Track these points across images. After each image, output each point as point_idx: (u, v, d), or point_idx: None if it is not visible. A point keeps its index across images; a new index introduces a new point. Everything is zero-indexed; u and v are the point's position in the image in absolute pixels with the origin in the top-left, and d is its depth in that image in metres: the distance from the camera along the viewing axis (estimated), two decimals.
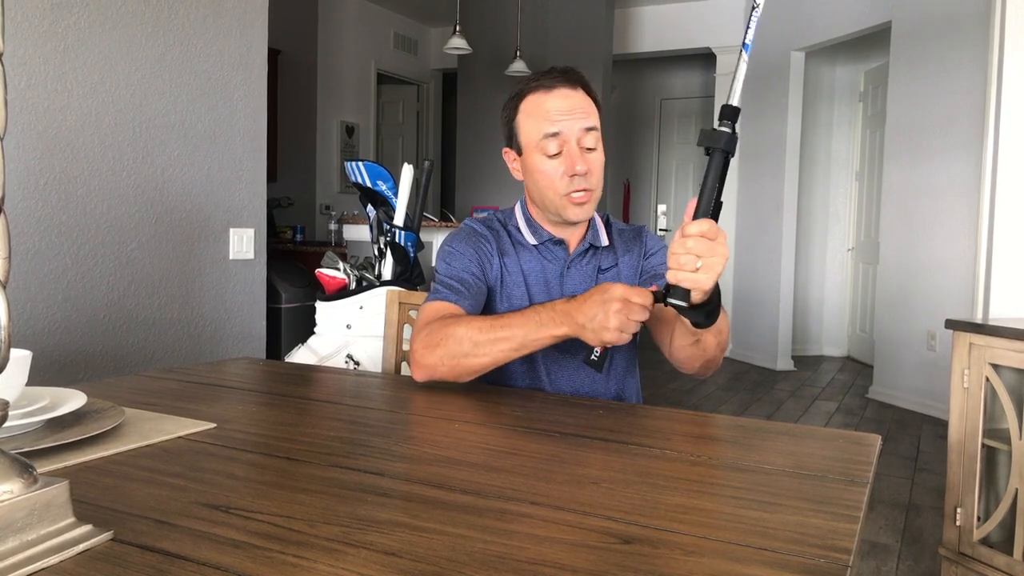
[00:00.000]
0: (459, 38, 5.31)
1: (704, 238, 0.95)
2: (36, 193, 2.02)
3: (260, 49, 2.62)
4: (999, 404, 2.06)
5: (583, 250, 1.38)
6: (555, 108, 1.28)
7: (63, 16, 2.05)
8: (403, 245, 2.77)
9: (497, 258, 1.37)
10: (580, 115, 1.29)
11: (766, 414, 4.35)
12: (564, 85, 1.30)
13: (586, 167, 1.28)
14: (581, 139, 1.29)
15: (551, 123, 1.28)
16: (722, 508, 0.73)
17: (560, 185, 1.29)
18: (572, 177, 1.28)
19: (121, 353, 2.24)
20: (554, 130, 1.28)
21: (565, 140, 1.28)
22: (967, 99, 4.09)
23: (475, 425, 1.06)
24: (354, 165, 2.81)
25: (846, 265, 6.31)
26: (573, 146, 1.28)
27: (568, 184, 1.29)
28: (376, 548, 0.62)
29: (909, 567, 2.41)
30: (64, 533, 0.61)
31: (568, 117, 1.28)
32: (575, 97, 1.30)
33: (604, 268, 1.39)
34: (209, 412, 1.04)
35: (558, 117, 1.28)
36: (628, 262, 1.40)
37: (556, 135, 1.28)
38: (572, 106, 1.29)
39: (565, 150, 1.28)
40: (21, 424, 0.86)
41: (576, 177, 1.28)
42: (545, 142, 1.29)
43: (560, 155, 1.29)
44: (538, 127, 1.29)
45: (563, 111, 1.28)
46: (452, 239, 1.40)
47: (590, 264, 1.39)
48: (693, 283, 0.96)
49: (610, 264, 1.40)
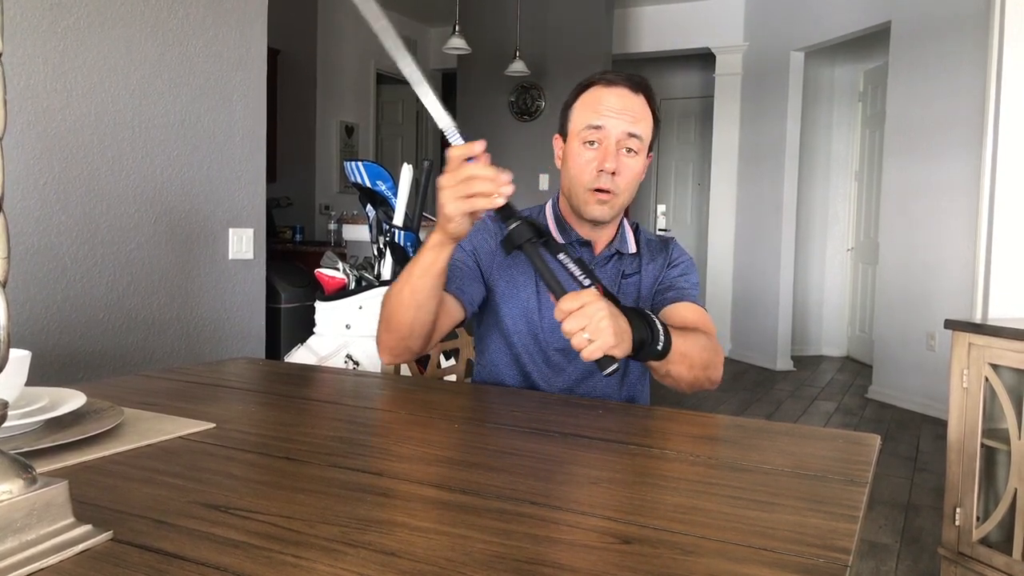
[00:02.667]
0: (458, 38, 5.31)
1: (572, 314, 0.98)
2: (35, 193, 2.02)
3: (259, 49, 2.61)
4: (998, 404, 2.06)
5: (609, 254, 1.38)
6: (607, 104, 1.29)
7: (62, 16, 2.05)
8: (402, 245, 2.77)
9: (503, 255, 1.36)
10: (628, 118, 1.28)
11: (766, 414, 4.35)
12: (625, 86, 1.30)
13: (615, 167, 1.27)
14: (622, 140, 1.28)
15: (598, 115, 1.28)
16: (722, 508, 0.73)
17: (587, 177, 1.29)
18: (600, 173, 1.28)
19: (120, 353, 2.24)
20: (599, 123, 1.28)
21: (606, 135, 1.28)
22: (966, 99, 4.10)
23: (475, 425, 1.06)
24: (353, 165, 2.81)
25: (846, 265, 6.31)
26: (611, 143, 1.28)
27: (595, 179, 1.28)
28: (375, 548, 0.62)
29: (908, 567, 2.41)
30: (63, 533, 0.61)
31: (616, 116, 1.28)
32: (631, 100, 1.29)
33: (627, 274, 1.39)
34: (208, 412, 1.04)
35: (607, 112, 1.28)
36: (651, 271, 1.40)
37: (599, 128, 1.28)
38: (624, 106, 1.28)
39: (603, 145, 1.28)
40: (20, 424, 0.86)
41: (603, 174, 1.28)
42: (587, 132, 1.29)
43: (597, 148, 1.29)
44: (586, 116, 1.30)
45: (614, 108, 1.28)
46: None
47: (614, 268, 1.38)
48: (600, 350, 0.99)
49: (633, 271, 1.39)
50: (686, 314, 1.31)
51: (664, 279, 1.39)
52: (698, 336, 1.21)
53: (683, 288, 1.36)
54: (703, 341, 1.21)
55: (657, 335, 1.09)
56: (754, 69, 6.01)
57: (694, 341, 1.18)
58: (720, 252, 6.26)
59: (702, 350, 1.19)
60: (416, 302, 1.17)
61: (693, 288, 1.37)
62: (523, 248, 1.03)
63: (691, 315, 1.31)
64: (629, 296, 1.38)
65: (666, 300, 1.35)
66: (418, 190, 2.91)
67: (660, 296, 1.37)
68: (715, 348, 1.23)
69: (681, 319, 1.30)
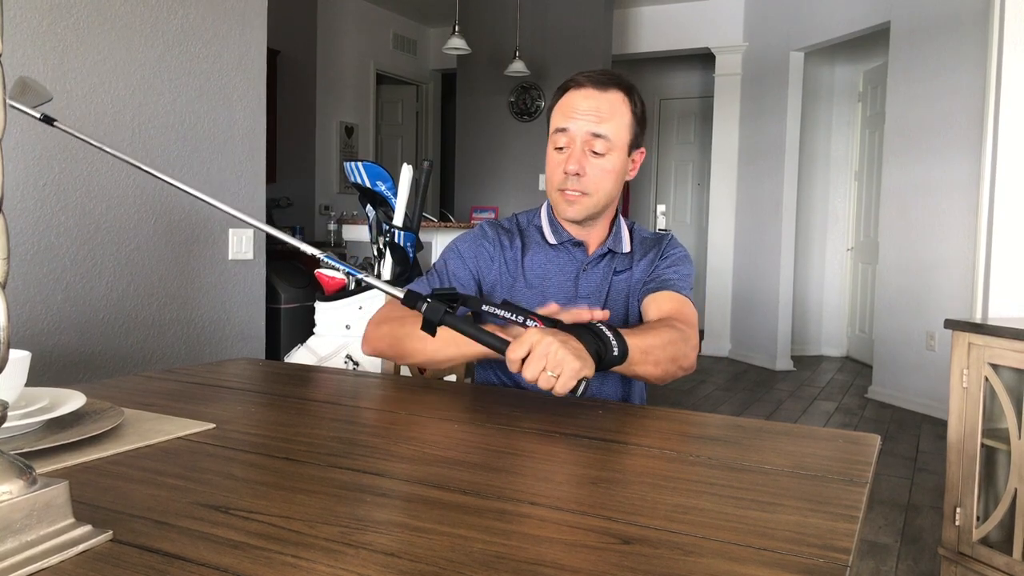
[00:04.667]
0: (458, 38, 5.31)
1: (525, 361, 0.97)
2: (35, 194, 2.02)
3: (259, 49, 2.62)
4: (998, 404, 2.06)
5: (601, 253, 1.39)
6: (573, 106, 1.31)
7: (62, 17, 2.05)
8: (402, 245, 2.77)
9: (500, 260, 1.39)
10: (593, 118, 1.30)
11: (765, 414, 4.35)
12: (592, 86, 1.31)
13: (577, 168, 1.30)
14: (588, 142, 1.30)
15: (565, 119, 1.32)
16: (721, 508, 0.73)
17: (556, 179, 1.34)
18: (566, 175, 1.31)
19: (120, 354, 2.24)
20: (564, 125, 1.32)
21: (572, 138, 1.31)
22: (966, 99, 4.10)
23: (475, 425, 1.06)
24: (353, 165, 2.81)
25: (845, 265, 6.31)
26: (576, 146, 1.31)
27: (562, 180, 1.32)
28: (375, 548, 0.62)
29: (908, 567, 2.41)
30: (63, 534, 0.61)
31: (581, 117, 1.30)
32: (598, 100, 1.30)
33: (618, 271, 1.39)
34: (208, 413, 1.04)
35: (572, 115, 1.31)
36: (642, 266, 1.40)
37: (564, 131, 1.32)
38: (590, 108, 1.30)
39: (569, 148, 1.31)
40: (20, 425, 0.86)
41: (568, 176, 1.31)
42: (556, 135, 1.33)
43: (564, 150, 1.32)
44: (556, 120, 1.34)
45: (579, 111, 1.30)
46: (461, 239, 1.44)
47: (605, 267, 1.39)
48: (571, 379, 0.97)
49: (624, 267, 1.40)
50: (662, 304, 1.31)
51: (652, 272, 1.39)
52: (661, 331, 1.19)
53: (667, 279, 1.35)
54: (667, 335, 1.18)
55: (608, 343, 1.07)
56: (754, 69, 6.01)
57: (655, 336, 1.16)
58: (720, 252, 6.26)
59: (666, 344, 1.17)
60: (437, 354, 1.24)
61: (682, 279, 1.36)
62: (444, 322, 1.01)
63: (667, 304, 1.30)
64: (620, 292, 1.38)
65: (647, 291, 1.35)
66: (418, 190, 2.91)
67: (643, 288, 1.37)
68: (684, 338, 1.20)
69: (656, 309, 1.30)
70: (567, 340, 1.00)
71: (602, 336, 1.07)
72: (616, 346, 1.07)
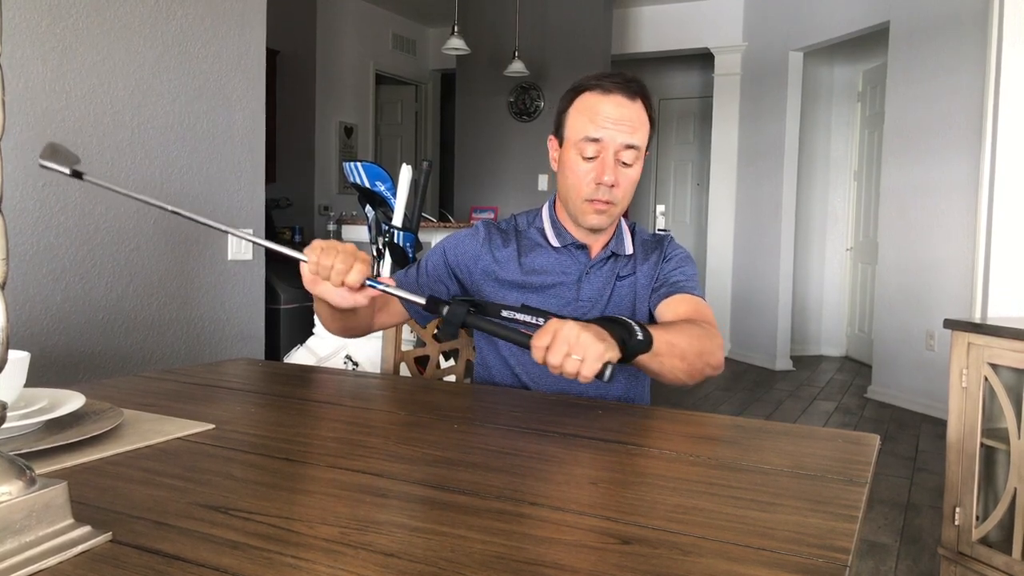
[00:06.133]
0: (457, 38, 5.31)
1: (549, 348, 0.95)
2: (34, 194, 2.02)
3: (258, 49, 2.61)
4: (998, 403, 2.06)
5: (604, 257, 1.38)
6: (604, 114, 1.27)
7: (61, 17, 2.05)
8: (401, 246, 2.77)
9: (488, 259, 1.38)
10: (627, 128, 1.27)
11: (765, 414, 4.35)
12: (622, 93, 1.28)
13: (614, 180, 1.27)
14: (619, 152, 1.28)
15: (596, 127, 1.27)
16: (721, 508, 0.73)
17: (585, 189, 1.29)
18: (598, 185, 1.28)
19: (120, 354, 2.23)
20: (596, 135, 1.27)
21: (604, 147, 1.27)
22: (965, 99, 4.10)
23: (474, 425, 1.06)
24: (353, 166, 2.81)
25: (845, 265, 6.31)
26: (609, 156, 1.27)
27: (593, 191, 1.29)
28: (375, 549, 0.62)
29: (908, 567, 2.41)
30: (63, 534, 0.60)
31: (614, 127, 1.27)
32: (628, 108, 1.28)
33: (622, 275, 1.38)
34: (208, 413, 1.04)
35: (604, 123, 1.27)
36: (646, 270, 1.39)
37: (596, 140, 1.27)
38: (622, 116, 1.27)
39: (600, 157, 1.28)
40: (20, 425, 0.86)
41: (601, 187, 1.28)
42: (584, 144, 1.28)
43: (595, 160, 1.28)
44: (583, 127, 1.29)
45: (611, 119, 1.27)
46: (452, 236, 1.44)
47: (609, 271, 1.38)
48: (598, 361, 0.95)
49: (628, 272, 1.39)
50: (677, 307, 1.30)
51: (659, 276, 1.38)
52: (684, 326, 1.19)
53: (677, 282, 1.35)
54: (693, 330, 1.18)
55: (632, 328, 1.06)
56: (753, 69, 6.01)
57: (680, 331, 1.16)
58: (719, 252, 6.26)
59: (692, 338, 1.16)
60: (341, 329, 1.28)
61: (689, 280, 1.36)
62: (467, 324, 1.02)
63: (683, 307, 1.30)
64: (624, 298, 1.37)
65: (660, 296, 1.34)
66: (417, 191, 2.91)
67: (655, 294, 1.36)
68: (709, 335, 1.20)
69: (673, 313, 1.30)
70: (588, 326, 0.99)
71: (624, 323, 1.06)
72: (640, 331, 1.06)
